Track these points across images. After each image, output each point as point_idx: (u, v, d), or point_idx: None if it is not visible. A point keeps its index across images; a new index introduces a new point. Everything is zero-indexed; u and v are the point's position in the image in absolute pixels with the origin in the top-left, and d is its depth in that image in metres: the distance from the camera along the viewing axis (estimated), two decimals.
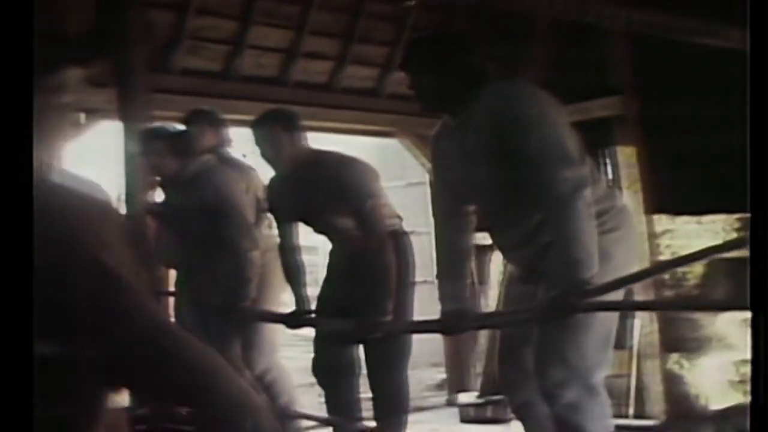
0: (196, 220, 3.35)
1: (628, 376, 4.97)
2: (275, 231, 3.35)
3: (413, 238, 3.27)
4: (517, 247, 2.48)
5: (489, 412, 5.68)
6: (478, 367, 6.10)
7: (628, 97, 5.23)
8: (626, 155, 5.23)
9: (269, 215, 3.36)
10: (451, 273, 2.55)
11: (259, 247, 3.31)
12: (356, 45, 5.86)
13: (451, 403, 6.21)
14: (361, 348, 3.22)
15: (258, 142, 3.18)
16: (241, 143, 4.25)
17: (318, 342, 3.28)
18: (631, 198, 4.90)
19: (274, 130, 3.13)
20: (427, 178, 7.11)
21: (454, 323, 2.54)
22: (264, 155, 3.18)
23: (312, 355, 3.26)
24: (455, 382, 6.31)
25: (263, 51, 5.53)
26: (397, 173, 7.27)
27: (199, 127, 3.59)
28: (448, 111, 2.48)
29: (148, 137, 3.55)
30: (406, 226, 3.34)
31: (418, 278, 6.38)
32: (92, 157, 4.71)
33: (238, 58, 5.38)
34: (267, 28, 5.45)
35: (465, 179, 2.45)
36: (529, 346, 2.43)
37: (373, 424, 3.21)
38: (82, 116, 4.65)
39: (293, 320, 3.10)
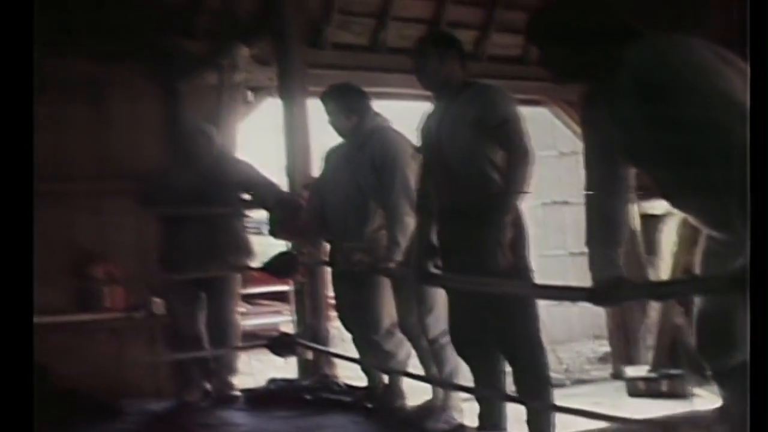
0: (363, 176, 3.38)
1: None
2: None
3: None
4: (705, 221, 2.21)
5: (664, 387, 5.45)
6: (649, 340, 5.81)
7: None
8: None
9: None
10: (602, 238, 2.31)
11: (413, 213, 3.26)
12: (501, 11, 5.67)
13: (616, 377, 5.96)
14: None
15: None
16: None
17: (453, 310, 3.10)
18: None
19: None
20: (578, 146, 6.79)
21: (606, 292, 2.29)
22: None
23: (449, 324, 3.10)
24: (620, 356, 6.04)
25: (406, 22, 5.44)
26: (548, 143, 7.00)
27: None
28: (589, 79, 2.24)
29: (325, 98, 3.57)
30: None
31: (575, 249, 6.10)
32: (259, 133, 4.85)
33: (382, 31, 5.33)
34: None
35: (619, 146, 2.21)
36: (733, 310, 2.18)
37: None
38: (250, 94, 4.78)
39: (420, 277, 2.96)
